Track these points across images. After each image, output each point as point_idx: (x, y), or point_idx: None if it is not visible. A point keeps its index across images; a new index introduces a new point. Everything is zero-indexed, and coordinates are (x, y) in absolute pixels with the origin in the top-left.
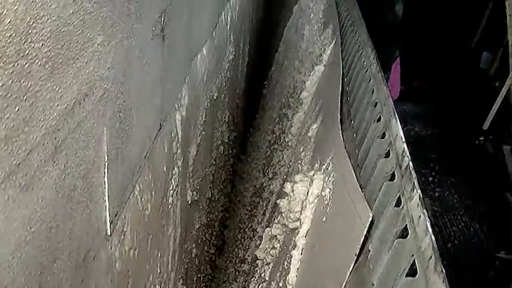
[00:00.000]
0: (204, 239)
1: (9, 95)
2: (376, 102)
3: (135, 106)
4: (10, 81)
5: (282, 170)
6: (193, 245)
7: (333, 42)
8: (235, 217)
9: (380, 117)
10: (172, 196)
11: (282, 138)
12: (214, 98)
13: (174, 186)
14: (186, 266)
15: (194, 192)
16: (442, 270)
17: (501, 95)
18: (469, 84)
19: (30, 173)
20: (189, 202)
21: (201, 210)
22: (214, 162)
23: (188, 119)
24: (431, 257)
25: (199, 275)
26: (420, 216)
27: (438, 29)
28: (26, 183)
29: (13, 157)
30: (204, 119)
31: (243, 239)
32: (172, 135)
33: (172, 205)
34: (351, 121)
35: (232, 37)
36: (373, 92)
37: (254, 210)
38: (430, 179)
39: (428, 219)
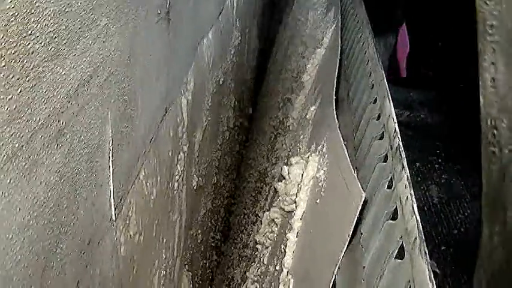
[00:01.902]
0: (210, 224)
1: (11, 75)
2: (373, 84)
3: (140, 90)
4: (12, 62)
5: (283, 154)
6: (199, 231)
7: (334, 25)
8: (240, 203)
9: (376, 99)
10: (177, 181)
11: (284, 122)
12: (220, 83)
13: (180, 172)
14: (191, 252)
15: (200, 178)
16: (425, 252)
17: None
18: (477, 71)
19: (33, 156)
20: (195, 187)
21: (207, 196)
22: (220, 148)
23: (194, 104)
24: (415, 238)
25: (204, 261)
26: (407, 198)
27: (446, 14)
28: (29, 166)
29: (15, 139)
30: (210, 104)
31: (246, 225)
32: (178, 120)
33: (177, 190)
34: (350, 103)
35: (238, 22)
36: (370, 74)
37: (258, 196)
38: (437, 166)
39: (414, 201)
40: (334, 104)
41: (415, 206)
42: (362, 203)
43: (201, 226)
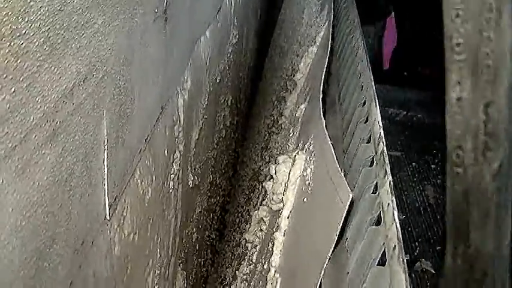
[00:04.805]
0: (205, 223)
1: (5, 75)
2: (362, 86)
3: (136, 89)
4: (6, 61)
5: (276, 152)
6: (194, 230)
7: (326, 23)
8: (235, 201)
9: (365, 102)
10: (173, 180)
11: (278, 121)
12: (217, 81)
13: (175, 170)
14: (186, 251)
15: (195, 177)
16: (403, 260)
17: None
18: None
19: (26, 156)
20: (190, 186)
21: (202, 195)
22: (216, 147)
23: (190, 103)
24: (395, 246)
25: (199, 260)
26: (389, 204)
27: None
28: (22, 166)
29: (9, 140)
30: (206, 103)
31: (240, 223)
32: (174, 119)
33: (173, 189)
34: (340, 104)
35: (236, 20)
36: (360, 76)
37: (251, 194)
38: (433, 166)
39: (395, 208)
40: (320, 102)
41: (395, 213)
42: (349, 203)
43: (196, 225)
